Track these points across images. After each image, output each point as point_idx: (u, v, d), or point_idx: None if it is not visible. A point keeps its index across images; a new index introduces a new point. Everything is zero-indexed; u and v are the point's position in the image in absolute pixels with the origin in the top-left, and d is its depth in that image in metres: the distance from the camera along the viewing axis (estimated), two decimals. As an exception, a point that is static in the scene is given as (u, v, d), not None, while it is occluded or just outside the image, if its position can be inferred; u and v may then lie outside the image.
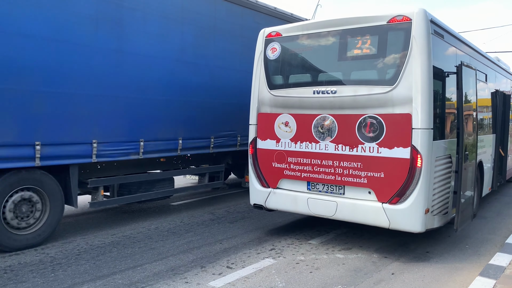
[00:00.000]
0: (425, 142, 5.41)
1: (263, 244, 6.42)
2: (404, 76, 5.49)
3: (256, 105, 6.81)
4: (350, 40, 6.05)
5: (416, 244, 6.47)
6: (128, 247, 6.16)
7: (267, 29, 6.89)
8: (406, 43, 5.52)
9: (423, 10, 5.55)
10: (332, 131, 6.05)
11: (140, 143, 7.16)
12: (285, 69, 6.76)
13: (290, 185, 6.52)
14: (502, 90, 10.33)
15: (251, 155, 6.86)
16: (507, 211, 9.02)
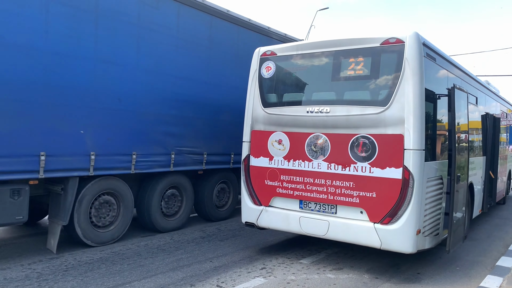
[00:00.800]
0: (417, 163, 5.44)
1: (254, 263, 6.36)
2: (396, 98, 5.56)
3: (250, 123, 6.83)
4: (343, 61, 6.14)
5: (407, 265, 6.45)
6: (117, 264, 6.07)
7: (262, 48, 6.97)
8: (398, 65, 5.61)
9: (415, 33, 5.65)
10: (325, 150, 6.07)
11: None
12: (279, 87, 6.81)
13: (282, 203, 6.50)
14: (492, 113, 10.49)
15: (243, 172, 6.85)
16: (497, 233, 9.05)
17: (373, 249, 6.84)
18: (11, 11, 5.58)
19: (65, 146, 6.21)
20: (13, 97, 5.65)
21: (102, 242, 6.97)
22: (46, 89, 5.98)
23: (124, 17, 6.94)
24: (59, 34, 6.11)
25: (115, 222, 7.22)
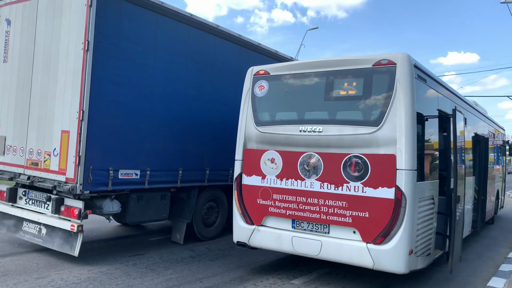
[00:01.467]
0: (409, 182, 5.46)
1: (245, 283, 6.28)
2: (388, 118, 5.62)
3: (243, 141, 6.82)
4: (336, 81, 6.20)
5: (398, 286, 6.42)
6: (105, 284, 5.94)
7: (255, 67, 7.01)
8: (390, 86, 5.68)
9: (407, 55, 5.75)
10: (317, 169, 6.07)
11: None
12: (272, 106, 6.83)
13: (274, 222, 6.44)
14: (480, 133, 10.62)
15: (236, 191, 6.80)
16: (487, 253, 9.07)
17: (365, 269, 6.80)
18: (169, 69, 7.82)
19: (191, 163, 8.32)
20: (167, 128, 7.82)
21: (208, 237, 9.05)
22: (185, 122, 8.14)
23: (227, 66, 9.03)
24: (193, 83, 8.31)
25: (216, 222, 9.33)
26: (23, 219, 7.49)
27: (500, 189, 14.60)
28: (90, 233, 9.48)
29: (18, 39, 7.68)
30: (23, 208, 7.57)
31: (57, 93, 6.90)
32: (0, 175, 7.87)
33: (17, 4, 7.73)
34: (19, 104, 7.55)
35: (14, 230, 7.65)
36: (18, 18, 7.72)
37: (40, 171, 7.05)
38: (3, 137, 7.79)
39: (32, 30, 7.42)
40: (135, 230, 9.99)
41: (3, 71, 7.89)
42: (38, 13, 7.35)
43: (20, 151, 7.46)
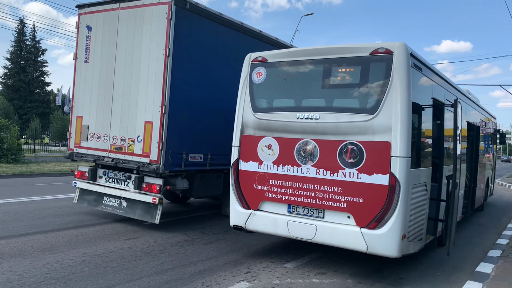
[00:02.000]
0: (403, 169, 5.55)
1: (239, 266, 6.37)
2: (384, 106, 5.68)
3: (240, 127, 6.85)
4: (333, 68, 6.24)
5: (389, 271, 6.54)
6: (100, 267, 5.99)
7: (253, 54, 7.00)
8: (387, 74, 5.73)
9: (404, 44, 5.79)
10: (314, 156, 6.13)
11: None
12: (270, 93, 6.85)
13: (271, 207, 6.53)
14: (472, 122, 10.73)
15: (233, 176, 6.86)
16: (476, 240, 9.25)
17: (356, 253, 6.92)
18: (222, 69, 8.89)
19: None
20: (222, 119, 8.47)
21: None
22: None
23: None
24: (228, 78, 8.72)
25: None
26: (103, 194, 8.96)
27: (490, 176, 14.81)
28: (85, 217, 9.52)
29: (100, 43, 8.99)
30: (104, 185, 8.95)
31: (140, 90, 8.22)
32: (84, 158, 9.23)
33: (97, 14, 9.09)
34: (101, 99, 8.89)
35: (94, 204, 9.16)
36: (99, 25, 9.05)
37: (124, 154, 8.43)
38: (86, 126, 9.16)
39: (114, 36, 8.72)
40: (129, 214, 10.02)
41: (85, 70, 9.23)
42: (119, 22, 8.66)
43: (103, 138, 8.83)
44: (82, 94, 9.31)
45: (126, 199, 8.59)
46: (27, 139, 33.59)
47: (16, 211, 9.62)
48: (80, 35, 9.42)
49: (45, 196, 12.19)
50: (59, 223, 8.63)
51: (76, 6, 9.60)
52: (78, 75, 9.43)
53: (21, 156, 22.38)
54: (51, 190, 13.53)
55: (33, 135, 31.39)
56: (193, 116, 8.42)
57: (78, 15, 9.48)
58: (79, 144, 9.29)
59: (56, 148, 33.40)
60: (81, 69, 9.36)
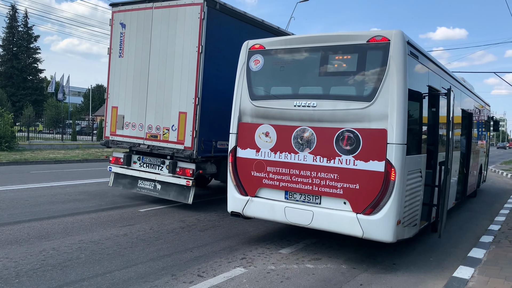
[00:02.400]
0: (399, 156, 5.61)
1: (234, 253, 6.42)
2: (381, 94, 5.71)
3: (238, 115, 6.87)
4: (330, 56, 6.25)
5: (383, 256, 6.62)
6: (97, 254, 6.03)
7: (251, 41, 6.99)
8: (384, 62, 5.75)
9: (400, 32, 5.79)
10: (311, 143, 6.18)
11: None
12: (267, 81, 6.86)
13: (268, 193, 6.60)
14: (467, 109, 10.78)
15: (230, 163, 6.89)
16: (468, 226, 9.37)
17: (350, 240, 6.99)
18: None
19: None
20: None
21: None
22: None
23: None
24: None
25: None
26: (138, 178, 9.80)
27: (483, 163, 14.93)
28: (80, 204, 9.53)
29: (134, 39, 9.70)
30: (138, 170, 9.78)
31: (174, 83, 8.97)
32: (120, 145, 10.06)
33: (131, 12, 9.79)
34: (136, 90, 9.63)
35: (129, 187, 10.01)
36: (133, 23, 9.74)
37: (160, 141, 9.22)
38: (121, 115, 9.92)
39: (148, 33, 9.43)
40: (124, 202, 10.05)
41: (120, 64, 9.97)
42: (153, 20, 9.35)
43: (139, 127, 9.61)
44: (117, 86, 10.04)
45: (160, 182, 9.43)
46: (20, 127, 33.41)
47: (11, 199, 9.61)
48: (114, 32, 10.09)
49: (40, 183, 12.18)
50: (55, 211, 8.64)
51: (110, 4, 10.30)
52: (113, 69, 10.14)
53: (15, 143, 22.28)
54: (46, 177, 13.51)
55: (27, 122, 31.19)
56: (221, 106, 8.81)
57: (112, 12, 10.17)
58: (114, 132, 10.08)
59: (50, 136, 33.24)
60: (116, 63, 10.07)
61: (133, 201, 10.11)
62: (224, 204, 9.77)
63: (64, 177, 13.82)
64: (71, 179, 13.38)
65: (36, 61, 61.01)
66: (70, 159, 19.77)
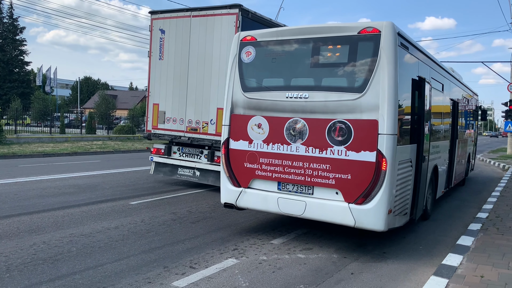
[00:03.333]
0: (390, 146, 5.68)
1: (226, 244, 6.45)
2: (372, 85, 5.75)
3: (230, 107, 6.88)
4: (322, 47, 6.27)
5: (373, 245, 6.70)
6: (88, 247, 6.01)
7: (242, 33, 7.00)
8: (375, 54, 5.79)
9: (391, 23, 5.84)
10: (303, 134, 6.21)
11: None
12: (259, 72, 6.86)
13: (261, 184, 6.64)
14: (455, 99, 10.87)
15: (223, 155, 6.92)
16: (457, 214, 9.49)
17: (341, 230, 7.06)
18: None
19: None
20: None
21: None
22: None
23: None
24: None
25: None
26: (178, 166, 11.14)
27: (471, 152, 15.10)
28: (70, 198, 9.47)
29: (173, 43, 10.87)
30: (178, 159, 11.14)
31: (212, 82, 10.06)
32: (161, 137, 11.31)
33: (170, 19, 10.94)
34: (176, 89, 10.83)
35: (170, 174, 11.37)
36: (172, 29, 10.90)
37: (199, 134, 10.42)
38: (163, 111, 11.14)
39: (186, 38, 10.59)
40: (114, 195, 10.02)
41: (160, 66, 11.18)
42: (191, 27, 10.50)
43: (179, 121, 10.83)
44: (158, 85, 11.24)
45: (199, 169, 10.68)
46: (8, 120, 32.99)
47: (0, 193, 9.52)
48: (153, 37, 11.29)
49: (29, 177, 12.07)
50: (44, 204, 8.59)
51: (149, 12, 11.45)
52: (153, 70, 11.33)
53: (3, 137, 22.02)
54: (35, 171, 13.39)
55: (14, 115, 30.81)
56: None
57: (151, 19, 11.33)
58: (156, 126, 11.31)
59: (38, 129, 32.89)
60: (156, 65, 11.26)
61: (124, 194, 10.08)
62: (216, 196, 9.80)
63: (53, 171, 13.70)
64: (60, 173, 13.28)
65: (22, 53, 60.06)
66: (59, 152, 19.60)
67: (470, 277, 5.04)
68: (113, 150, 22.35)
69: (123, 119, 39.91)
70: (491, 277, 5.07)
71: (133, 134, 33.08)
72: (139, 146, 25.57)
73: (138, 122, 38.08)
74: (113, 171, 14.23)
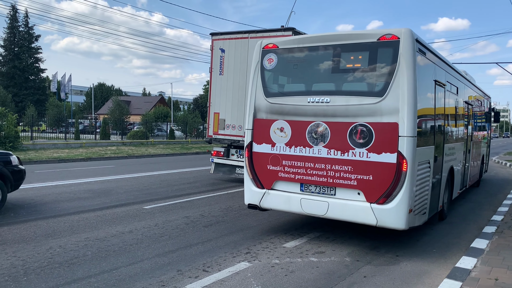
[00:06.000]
0: (410, 148, 5.84)
1: (239, 247, 6.49)
2: (392, 89, 5.93)
3: (253, 112, 7.10)
4: (343, 54, 6.47)
5: (386, 248, 6.67)
6: (103, 251, 6.10)
7: (264, 40, 7.24)
8: (394, 59, 5.98)
9: (409, 30, 6.01)
10: (325, 137, 6.40)
11: None
12: (281, 78, 7.12)
13: (284, 186, 6.84)
14: (469, 101, 10.83)
15: (246, 158, 7.13)
16: (472, 217, 9.40)
17: (354, 233, 7.07)
18: None
19: None
20: None
21: None
22: None
23: None
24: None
25: None
26: (236, 166, 12.62)
27: (485, 154, 14.97)
28: (85, 203, 9.61)
29: (232, 61, 12.55)
30: (236, 160, 12.62)
31: None
32: (221, 141, 12.81)
33: (229, 40, 12.65)
34: (235, 100, 12.45)
35: (228, 173, 12.93)
36: (231, 48, 12.59)
37: None
38: (223, 119, 12.74)
39: (244, 57, 12.17)
40: (128, 200, 10.14)
41: (220, 80, 12.86)
42: (249, 47, 12.00)
43: (238, 127, 12.39)
44: (218, 96, 12.90)
45: None
46: (24, 127, 33.55)
47: (17, 198, 9.71)
48: (214, 55, 12.97)
49: (44, 182, 12.28)
50: (60, 209, 8.73)
51: (210, 33, 13.25)
52: (214, 83, 13.06)
53: (19, 143, 22.41)
54: (50, 176, 13.61)
55: (30, 122, 31.33)
56: None
57: (212, 40, 13.06)
58: (217, 132, 12.88)
59: (53, 135, 33.38)
60: (216, 79, 12.98)
61: (137, 199, 10.20)
62: (228, 200, 9.88)
63: (68, 176, 13.92)
64: (75, 178, 13.48)
65: (37, 60, 61.12)
66: (74, 158, 19.88)
67: (484, 280, 5.00)
68: (127, 155, 22.57)
69: (136, 125, 40.33)
70: (505, 280, 5.02)
71: (147, 139, 33.37)
72: (152, 151, 25.78)
73: (151, 127, 38.42)
74: (127, 176, 14.39)
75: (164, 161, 20.94)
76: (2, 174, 8.43)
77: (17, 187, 9.06)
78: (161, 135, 39.87)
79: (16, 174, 8.77)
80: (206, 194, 11.16)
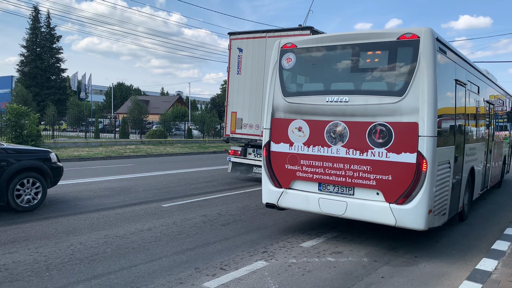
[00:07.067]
0: (430, 148, 5.76)
1: (256, 246, 6.51)
2: (412, 88, 5.86)
3: (271, 111, 7.11)
4: (362, 53, 6.41)
5: (405, 249, 6.61)
6: (122, 248, 6.20)
7: (283, 40, 7.23)
8: (414, 58, 5.90)
9: (430, 29, 5.92)
10: (343, 137, 6.36)
11: None
12: (299, 78, 7.11)
13: (302, 185, 6.82)
14: (490, 101, 10.64)
15: (264, 157, 7.14)
16: (493, 218, 9.23)
17: (372, 233, 7.02)
18: None
19: None
20: None
21: None
22: None
23: None
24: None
25: None
26: (253, 165, 12.61)
27: (507, 154, 14.68)
28: (105, 200, 9.76)
29: (250, 60, 12.51)
30: (253, 159, 12.62)
31: None
32: (238, 140, 12.81)
33: (247, 40, 12.60)
34: (253, 99, 12.36)
35: (245, 172, 12.93)
36: (249, 48, 12.55)
37: None
38: (240, 118, 12.71)
39: (262, 56, 12.09)
40: (147, 198, 10.26)
41: (238, 79, 12.83)
42: (266, 46, 11.93)
43: (255, 127, 12.35)
44: (236, 96, 12.86)
45: None
46: (45, 126, 34.21)
47: (39, 196, 9.90)
48: (232, 54, 12.91)
49: (65, 181, 12.49)
50: (80, 207, 8.89)
51: (228, 33, 13.28)
52: (232, 82, 13.01)
53: (41, 142, 22.84)
54: (71, 174, 13.85)
55: (51, 121, 31.93)
56: None
57: (230, 39, 13.02)
58: (234, 131, 12.87)
59: (74, 134, 33.96)
60: (234, 79, 12.92)
61: (156, 197, 10.31)
62: (245, 199, 9.91)
63: (88, 174, 14.15)
64: (95, 176, 13.70)
65: (59, 60, 62.17)
66: (94, 156, 20.19)
67: (505, 283, 4.92)
68: (146, 154, 22.82)
69: (155, 124, 40.72)
70: (527, 282, 4.92)
71: (165, 138, 33.68)
72: (171, 150, 26.00)
73: (170, 126, 38.75)
74: (146, 175, 14.56)
75: (182, 160, 21.10)
76: (42, 170, 8.70)
77: (56, 183, 9.32)
78: (179, 134, 40.18)
79: (55, 171, 9.06)
80: (223, 193, 11.22)
